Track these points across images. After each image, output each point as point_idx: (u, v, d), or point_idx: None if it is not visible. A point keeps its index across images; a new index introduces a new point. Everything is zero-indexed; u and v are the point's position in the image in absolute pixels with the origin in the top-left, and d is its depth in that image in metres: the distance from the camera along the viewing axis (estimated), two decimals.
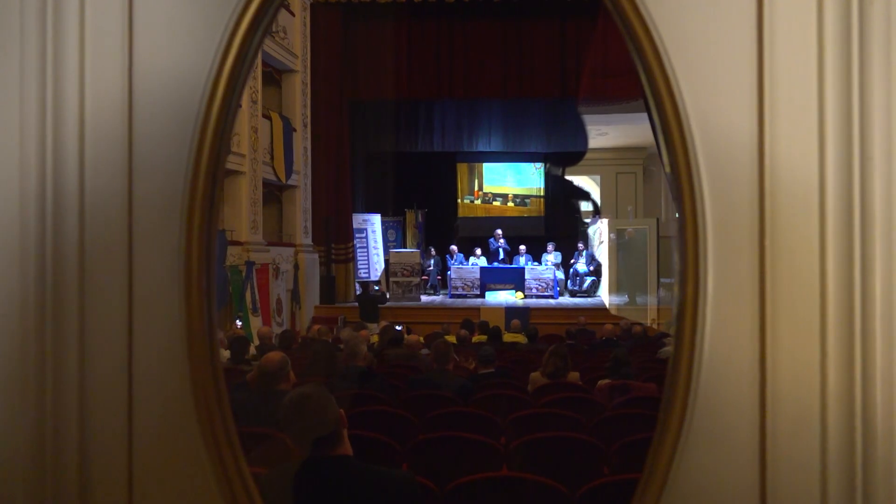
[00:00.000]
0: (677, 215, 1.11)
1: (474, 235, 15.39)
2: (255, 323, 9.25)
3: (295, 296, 11.37)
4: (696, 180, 1.10)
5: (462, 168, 16.27)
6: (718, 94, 1.13)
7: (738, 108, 1.12)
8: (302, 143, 12.00)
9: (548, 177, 16.21)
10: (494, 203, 16.31)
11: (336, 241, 12.74)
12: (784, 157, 1.11)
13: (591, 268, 13.34)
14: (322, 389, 1.90)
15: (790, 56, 1.11)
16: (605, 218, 13.76)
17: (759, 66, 1.10)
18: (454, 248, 14.00)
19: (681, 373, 1.10)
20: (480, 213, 16.35)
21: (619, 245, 12.16)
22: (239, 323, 8.76)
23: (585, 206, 17.10)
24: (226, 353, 5.36)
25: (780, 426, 1.13)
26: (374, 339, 7.48)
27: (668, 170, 1.13)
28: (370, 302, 10.89)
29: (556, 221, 16.03)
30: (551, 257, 13.71)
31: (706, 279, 1.11)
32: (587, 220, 15.57)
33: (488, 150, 14.30)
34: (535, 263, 13.53)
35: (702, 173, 1.10)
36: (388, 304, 11.60)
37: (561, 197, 16.43)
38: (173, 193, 1.27)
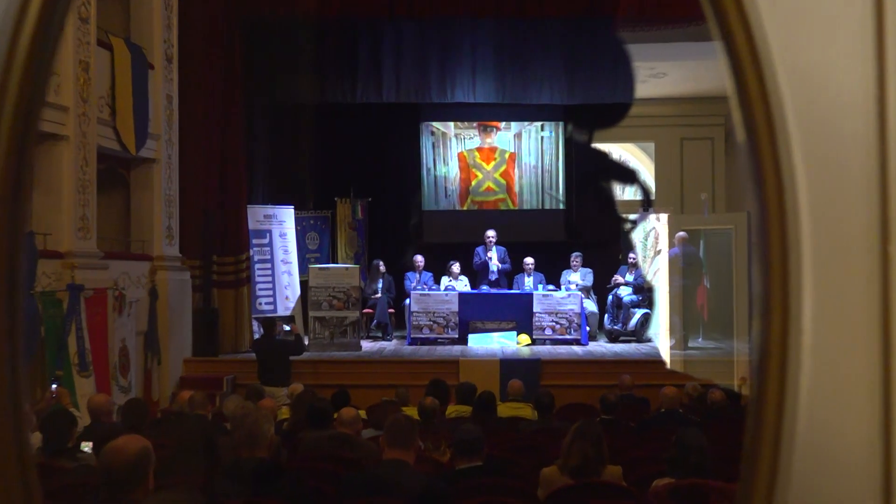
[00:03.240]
0: (756, 209, 1.16)
1: (450, 241, 15.45)
2: (85, 387, 9.17)
3: (151, 342, 11.30)
4: (785, 156, 1.15)
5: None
6: (818, 28, 1.19)
7: (848, 49, 1.18)
8: (164, 89, 11.98)
9: (570, 145, 16.32)
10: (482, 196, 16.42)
11: (221, 252, 12.72)
12: None
13: (643, 296, 13.47)
14: (194, 498, 1.93)
15: None
16: (664, 213, 13.88)
17: None
18: (420, 259, 14.00)
19: (762, 456, 1.15)
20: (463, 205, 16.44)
21: (687, 257, 12.29)
22: (55, 387, 8.68)
23: (630, 194, 17.26)
24: (36, 439, 5.33)
25: None
26: (284, 413, 7.49)
27: (741, 138, 1.19)
28: (276, 352, 10.87)
29: (584, 218, 16.14)
30: (577, 277, 13.82)
31: (800, 309, 1.16)
32: (633, 217, 15.69)
33: (471, 101, 14.32)
34: (551, 287, 13.62)
35: (792, 145, 1.16)
36: (305, 355, 11.60)
37: (591, 178, 16.55)
38: None
